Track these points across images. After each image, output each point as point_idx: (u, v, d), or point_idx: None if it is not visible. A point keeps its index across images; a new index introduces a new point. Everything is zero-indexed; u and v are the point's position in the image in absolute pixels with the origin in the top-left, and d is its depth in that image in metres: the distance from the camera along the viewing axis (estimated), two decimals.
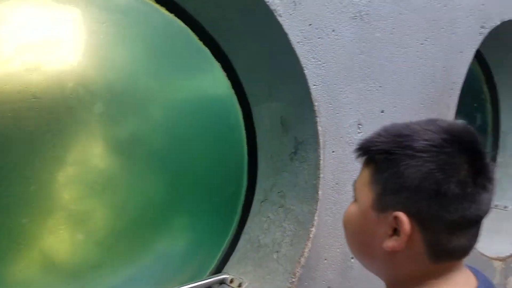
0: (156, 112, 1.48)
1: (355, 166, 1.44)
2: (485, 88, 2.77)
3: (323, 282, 1.43)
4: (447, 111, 1.79)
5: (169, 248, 1.53)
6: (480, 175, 0.64)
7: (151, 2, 1.38)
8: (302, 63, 1.30)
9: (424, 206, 0.64)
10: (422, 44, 1.65)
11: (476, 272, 0.76)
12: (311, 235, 1.38)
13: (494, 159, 2.83)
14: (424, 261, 0.67)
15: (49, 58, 1.22)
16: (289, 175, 1.48)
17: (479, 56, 2.64)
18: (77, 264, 1.35)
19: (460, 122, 0.68)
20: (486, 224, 2.05)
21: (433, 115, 1.73)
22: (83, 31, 1.31)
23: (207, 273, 1.51)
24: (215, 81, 1.56)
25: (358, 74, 1.46)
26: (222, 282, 1.48)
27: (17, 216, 1.18)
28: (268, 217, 1.52)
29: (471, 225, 0.66)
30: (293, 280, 1.34)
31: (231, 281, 1.44)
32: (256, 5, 1.21)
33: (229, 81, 1.53)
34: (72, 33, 1.29)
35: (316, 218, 1.39)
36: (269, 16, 1.22)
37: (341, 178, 1.45)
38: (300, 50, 1.29)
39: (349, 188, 1.32)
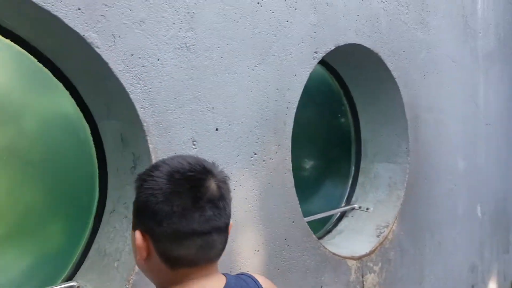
0: (14, 129, 1.61)
1: None
2: (345, 101, 3.18)
3: None
4: (284, 127, 2.09)
5: (27, 255, 1.65)
6: (196, 199, 0.84)
7: None
8: (126, 88, 1.50)
9: (149, 224, 0.84)
10: (253, 70, 1.94)
11: (233, 280, 0.96)
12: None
13: (358, 165, 3.23)
14: (164, 269, 0.86)
15: None
16: (131, 187, 1.65)
17: (336, 74, 3.04)
18: None
19: (193, 158, 0.91)
20: (350, 225, 2.38)
21: (270, 131, 2.01)
22: None
23: (60, 281, 1.64)
24: (60, 100, 1.71)
25: (189, 97, 1.69)
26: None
27: None
28: (115, 227, 1.68)
29: (188, 238, 0.84)
30: (127, 286, 1.51)
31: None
32: (75, 38, 1.40)
33: (73, 99, 1.70)
34: None
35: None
36: (88, 48, 1.41)
37: None
38: (124, 77, 1.49)
39: None
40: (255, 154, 1.95)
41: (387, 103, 3.00)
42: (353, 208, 3.09)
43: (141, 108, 1.54)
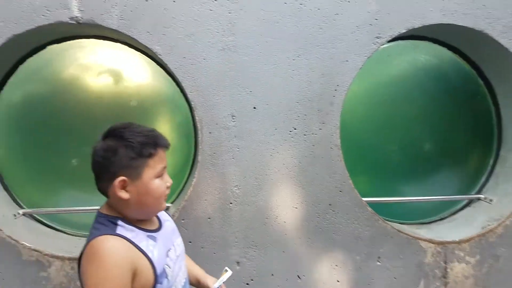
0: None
1: (229, 143, 2.11)
2: (480, 82, 2.68)
3: (203, 213, 2.12)
4: (330, 107, 2.17)
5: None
6: None
7: None
8: (179, 79, 2.09)
9: None
10: (294, 60, 2.14)
11: None
12: (192, 183, 2.12)
13: (497, 153, 2.67)
14: None
15: (108, 78, 2.35)
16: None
17: (471, 61, 2.64)
18: None
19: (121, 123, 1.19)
20: (466, 214, 2.32)
21: (312, 110, 2.16)
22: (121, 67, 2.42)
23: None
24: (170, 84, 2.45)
25: (229, 84, 2.11)
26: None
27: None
28: None
29: None
30: (179, 208, 2.10)
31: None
32: (147, 48, 2.09)
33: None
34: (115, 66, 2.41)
35: (196, 173, 2.12)
36: (156, 56, 2.08)
37: (217, 150, 2.12)
38: (178, 73, 2.08)
39: (224, 156, 2.04)
40: (295, 129, 2.16)
41: None
42: (479, 199, 2.62)
43: (190, 92, 2.09)
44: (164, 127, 2.36)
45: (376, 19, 2.19)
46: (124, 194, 1.13)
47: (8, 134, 2.18)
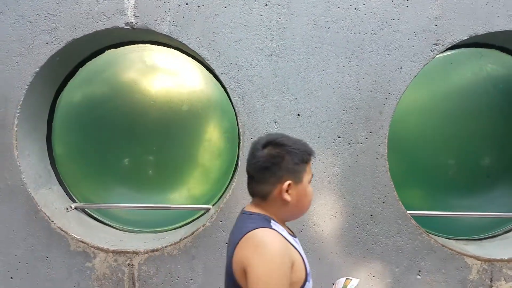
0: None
1: None
2: None
3: None
4: (379, 116, 2.08)
5: None
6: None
7: None
8: (225, 85, 2.10)
9: None
10: (343, 66, 2.06)
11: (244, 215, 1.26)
12: (232, 187, 2.16)
13: None
14: None
15: (161, 83, 2.41)
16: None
17: None
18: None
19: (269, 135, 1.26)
20: None
21: (359, 119, 2.09)
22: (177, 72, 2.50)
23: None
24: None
25: (274, 90, 2.10)
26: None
27: (147, 165, 2.46)
28: None
29: None
30: (217, 210, 2.17)
31: None
32: (196, 53, 2.11)
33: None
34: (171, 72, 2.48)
35: (236, 177, 2.16)
36: (203, 61, 2.10)
37: None
38: (224, 78, 2.10)
39: None
40: (339, 137, 2.12)
41: None
42: None
43: (234, 97, 2.11)
44: (212, 132, 2.41)
45: (435, 25, 2.03)
46: (287, 196, 1.20)
47: (66, 132, 2.35)
